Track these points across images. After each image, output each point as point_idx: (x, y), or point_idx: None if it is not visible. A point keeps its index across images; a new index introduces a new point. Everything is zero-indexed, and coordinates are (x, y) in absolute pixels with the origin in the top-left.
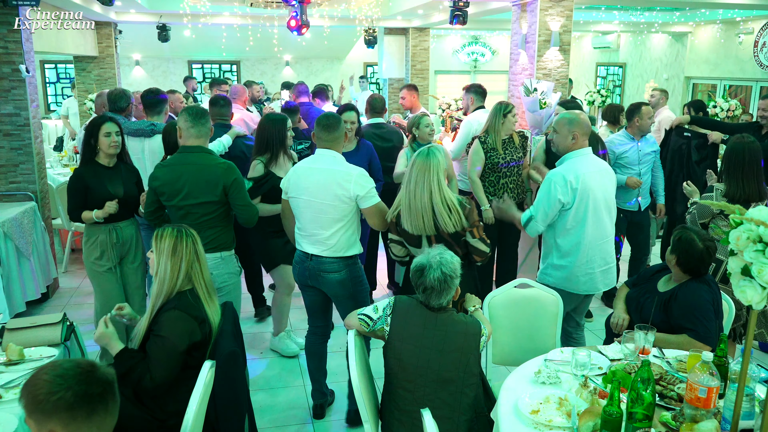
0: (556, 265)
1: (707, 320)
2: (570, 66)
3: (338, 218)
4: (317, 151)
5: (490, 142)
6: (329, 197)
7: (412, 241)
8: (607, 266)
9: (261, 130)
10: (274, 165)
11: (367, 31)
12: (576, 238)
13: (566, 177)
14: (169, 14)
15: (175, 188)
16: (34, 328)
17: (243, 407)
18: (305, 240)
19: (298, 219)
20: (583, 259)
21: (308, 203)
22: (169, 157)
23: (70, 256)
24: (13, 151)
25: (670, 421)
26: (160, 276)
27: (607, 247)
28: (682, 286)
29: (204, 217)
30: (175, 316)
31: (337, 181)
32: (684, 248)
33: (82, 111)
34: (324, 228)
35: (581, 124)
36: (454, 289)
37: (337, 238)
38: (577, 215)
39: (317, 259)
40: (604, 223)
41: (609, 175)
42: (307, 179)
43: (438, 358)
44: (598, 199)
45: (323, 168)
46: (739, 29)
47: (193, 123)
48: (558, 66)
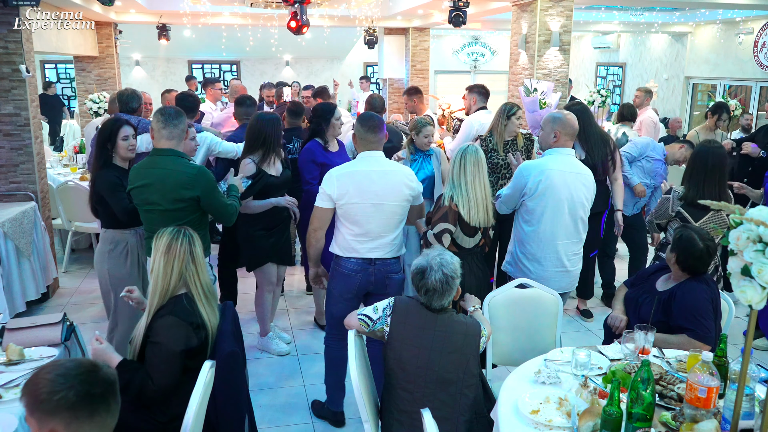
0: (511, 252)
1: (706, 319)
2: (570, 66)
3: (403, 218)
4: (364, 154)
5: (492, 142)
6: (399, 198)
7: (469, 231)
8: (564, 269)
9: (253, 129)
10: (266, 164)
11: (367, 31)
12: (530, 228)
13: (532, 169)
14: (169, 14)
15: (143, 193)
16: (34, 328)
17: (243, 407)
18: (366, 245)
19: (359, 225)
20: (534, 253)
21: (377, 207)
22: (141, 161)
23: (70, 256)
24: (13, 151)
25: (670, 421)
26: (154, 273)
27: (565, 248)
28: (681, 285)
29: (175, 222)
30: (170, 322)
31: (403, 181)
32: (684, 246)
33: (83, 111)
34: (392, 230)
35: (565, 125)
36: (455, 289)
37: (399, 238)
38: (536, 208)
39: (383, 262)
40: (564, 224)
41: (584, 179)
42: (373, 183)
43: (438, 358)
44: (561, 198)
45: (388, 169)
46: (739, 29)
47: (165, 124)
48: (558, 66)
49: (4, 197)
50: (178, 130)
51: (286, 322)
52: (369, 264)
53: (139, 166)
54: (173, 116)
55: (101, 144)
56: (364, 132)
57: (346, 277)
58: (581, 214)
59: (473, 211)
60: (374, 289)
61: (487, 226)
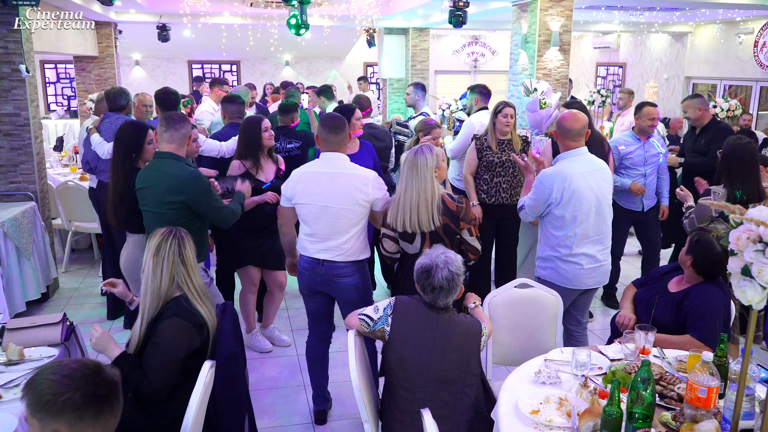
0: (544, 257)
1: (714, 322)
2: (570, 66)
3: (355, 222)
4: (324, 155)
5: (487, 140)
6: (348, 202)
7: (406, 237)
8: (597, 264)
9: (241, 131)
10: (256, 168)
11: (367, 31)
12: (563, 233)
13: (554, 178)
14: (169, 14)
15: (142, 194)
16: (34, 328)
17: (243, 407)
18: (316, 246)
19: (309, 225)
20: (569, 254)
21: (324, 209)
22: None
23: (70, 256)
24: (13, 151)
25: (670, 421)
26: (144, 274)
27: (596, 245)
28: (696, 286)
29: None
30: (175, 324)
31: (355, 185)
32: (702, 251)
33: (82, 111)
34: (341, 233)
35: (562, 128)
36: (459, 287)
37: (352, 243)
38: (564, 213)
39: (330, 265)
40: (593, 222)
41: (602, 174)
42: (322, 184)
43: (439, 358)
44: (587, 199)
45: (338, 172)
46: (739, 29)
47: (167, 128)
48: (558, 66)
49: (4, 197)
50: (179, 134)
51: (285, 322)
52: (317, 264)
53: (144, 168)
54: (176, 121)
55: (126, 153)
56: (325, 132)
57: (300, 273)
58: (607, 209)
59: (400, 216)
60: (324, 289)
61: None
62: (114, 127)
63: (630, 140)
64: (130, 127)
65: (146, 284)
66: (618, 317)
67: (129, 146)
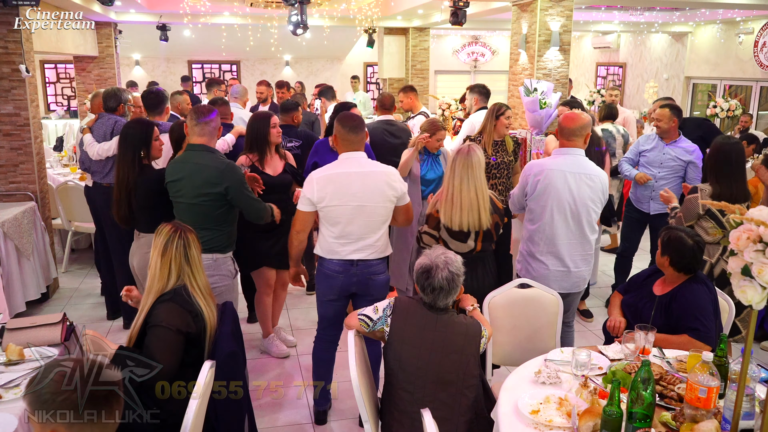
0: (521, 251)
1: (708, 320)
2: (570, 66)
3: (386, 219)
4: (345, 155)
5: (482, 142)
6: (381, 199)
7: (457, 236)
8: (566, 269)
9: (248, 128)
10: (263, 163)
11: (367, 31)
12: (533, 227)
13: (533, 168)
14: (169, 14)
15: (176, 186)
16: (34, 328)
17: (243, 407)
18: (349, 247)
19: (341, 226)
20: (537, 251)
21: (359, 209)
22: (178, 156)
23: (70, 256)
24: (13, 151)
25: (670, 421)
26: (151, 272)
27: (568, 249)
28: (681, 287)
29: (200, 216)
30: (169, 307)
31: (385, 181)
32: (675, 247)
33: (82, 111)
34: (375, 231)
35: (561, 127)
36: (460, 287)
37: (383, 239)
38: (536, 208)
39: (365, 264)
40: (565, 225)
41: (589, 179)
42: (353, 184)
43: (438, 359)
44: (562, 199)
45: (368, 170)
46: (739, 29)
47: (197, 121)
48: (558, 66)
49: (4, 197)
50: (210, 127)
51: (286, 321)
52: (351, 265)
53: (176, 160)
54: (204, 114)
55: (134, 151)
56: (346, 132)
57: (328, 278)
58: (585, 215)
59: (456, 215)
60: (357, 290)
61: (481, 229)
62: (105, 128)
63: (653, 138)
64: (136, 124)
65: (152, 283)
66: (609, 322)
67: (136, 144)
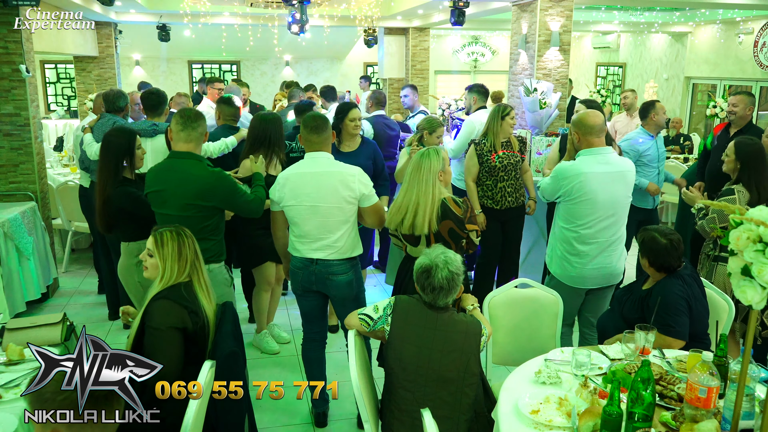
0: (552, 250)
1: (677, 315)
2: (570, 66)
3: (344, 220)
4: (308, 155)
5: (488, 145)
6: (335, 200)
7: (409, 239)
8: (602, 266)
9: (255, 129)
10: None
11: (367, 31)
12: (569, 227)
13: (568, 172)
14: (169, 14)
15: (160, 196)
16: (34, 328)
17: (243, 407)
18: (308, 246)
19: (299, 226)
20: (573, 251)
21: (313, 209)
22: (158, 163)
23: (70, 256)
24: (13, 151)
25: (670, 421)
26: (165, 279)
27: (603, 246)
28: (658, 283)
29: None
30: (164, 304)
31: (341, 182)
32: (649, 247)
33: (82, 111)
34: (332, 232)
35: (580, 125)
36: (459, 286)
37: (344, 240)
38: (574, 209)
39: (324, 263)
40: (605, 225)
41: (622, 176)
42: (307, 185)
43: (438, 358)
44: (599, 201)
45: (322, 171)
46: (739, 29)
47: (183, 126)
48: (558, 66)
49: (4, 197)
50: (197, 132)
51: (286, 321)
52: (311, 263)
53: (156, 168)
54: (192, 119)
55: (118, 160)
56: (307, 132)
57: (292, 273)
58: (621, 213)
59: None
60: (318, 288)
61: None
62: (106, 128)
63: (645, 137)
64: (118, 133)
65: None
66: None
67: (119, 153)
